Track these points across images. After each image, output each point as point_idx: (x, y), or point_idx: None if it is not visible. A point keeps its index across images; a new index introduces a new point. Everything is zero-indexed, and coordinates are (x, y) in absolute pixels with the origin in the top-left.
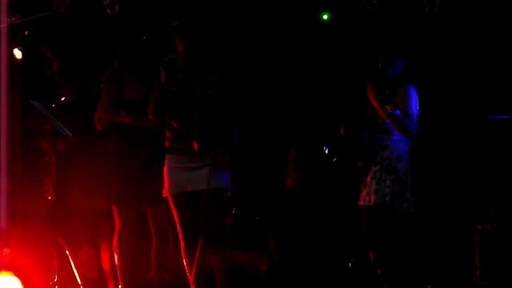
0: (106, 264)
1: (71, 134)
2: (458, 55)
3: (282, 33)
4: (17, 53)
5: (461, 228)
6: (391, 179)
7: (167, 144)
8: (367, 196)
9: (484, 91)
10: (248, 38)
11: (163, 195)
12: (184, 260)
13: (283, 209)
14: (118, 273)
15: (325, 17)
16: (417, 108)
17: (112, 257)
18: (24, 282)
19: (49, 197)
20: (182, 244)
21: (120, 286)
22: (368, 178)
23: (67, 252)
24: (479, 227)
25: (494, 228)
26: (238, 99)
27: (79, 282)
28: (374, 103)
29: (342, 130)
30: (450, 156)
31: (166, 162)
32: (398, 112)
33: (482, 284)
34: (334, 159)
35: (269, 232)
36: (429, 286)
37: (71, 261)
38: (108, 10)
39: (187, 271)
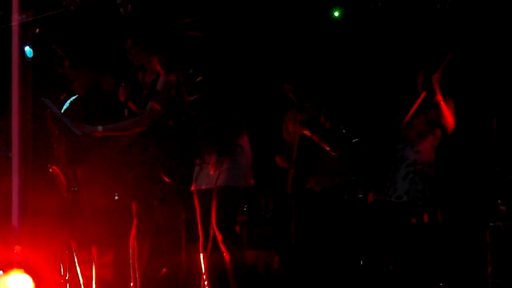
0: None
1: (80, 133)
2: (470, 52)
3: (293, 32)
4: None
5: (472, 225)
6: (423, 184)
7: None
8: (393, 193)
9: (495, 89)
10: (258, 36)
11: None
12: (201, 254)
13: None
14: (132, 270)
15: (336, 14)
16: None
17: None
18: (35, 279)
19: (65, 194)
20: (200, 238)
21: (132, 284)
22: (397, 177)
23: (74, 254)
24: (491, 224)
25: (505, 225)
26: (228, 97)
27: (81, 281)
28: (436, 87)
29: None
30: (462, 153)
31: None
32: None
33: (494, 281)
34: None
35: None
36: (440, 284)
37: (76, 262)
38: (121, 9)
39: (202, 266)
